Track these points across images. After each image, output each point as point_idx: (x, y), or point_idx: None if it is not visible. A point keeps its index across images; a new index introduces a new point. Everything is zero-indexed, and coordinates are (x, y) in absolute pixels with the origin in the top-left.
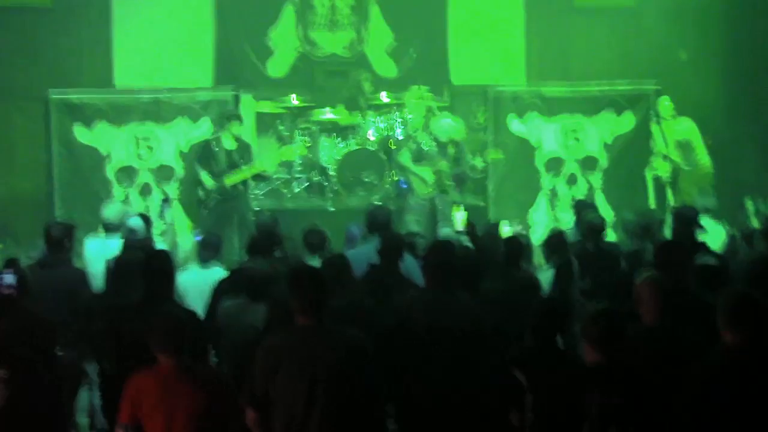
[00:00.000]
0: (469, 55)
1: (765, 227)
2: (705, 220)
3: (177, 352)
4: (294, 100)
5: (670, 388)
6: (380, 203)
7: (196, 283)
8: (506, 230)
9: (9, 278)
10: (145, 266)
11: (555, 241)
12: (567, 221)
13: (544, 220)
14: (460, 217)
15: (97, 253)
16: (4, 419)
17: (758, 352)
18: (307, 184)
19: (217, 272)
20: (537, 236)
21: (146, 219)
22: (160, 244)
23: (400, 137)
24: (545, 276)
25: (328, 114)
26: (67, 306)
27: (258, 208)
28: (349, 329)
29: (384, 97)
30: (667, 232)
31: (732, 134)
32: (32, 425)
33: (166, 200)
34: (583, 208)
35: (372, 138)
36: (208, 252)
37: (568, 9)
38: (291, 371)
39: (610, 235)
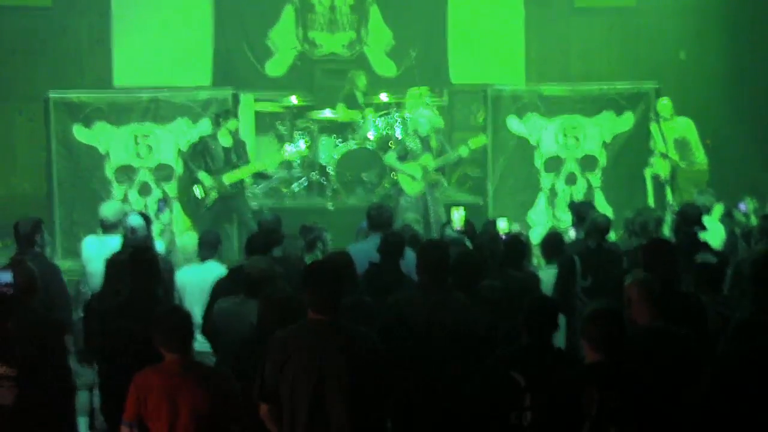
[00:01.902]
0: (468, 55)
1: (763, 225)
2: (705, 219)
3: (183, 349)
4: (293, 99)
5: (669, 387)
6: (380, 202)
7: (196, 281)
8: (502, 226)
9: (5, 276)
10: (130, 264)
11: (552, 241)
12: (566, 221)
13: (543, 219)
14: (458, 216)
15: (96, 252)
16: (13, 418)
17: None
18: (306, 183)
19: (216, 269)
20: (536, 235)
21: (146, 218)
22: (159, 243)
23: (400, 137)
24: (547, 275)
25: (327, 113)
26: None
27: (257, 207)
28: (361, 328)
29: (384, 97)
30: (667, 231)
31: (732, 134)
32: (41, 425)
33: (163, 200)
34: (581, 209)
35: (371, 138)
36: (206, 249)
37: (568, 9)
38: (298, 366)
39: (610, 234)
